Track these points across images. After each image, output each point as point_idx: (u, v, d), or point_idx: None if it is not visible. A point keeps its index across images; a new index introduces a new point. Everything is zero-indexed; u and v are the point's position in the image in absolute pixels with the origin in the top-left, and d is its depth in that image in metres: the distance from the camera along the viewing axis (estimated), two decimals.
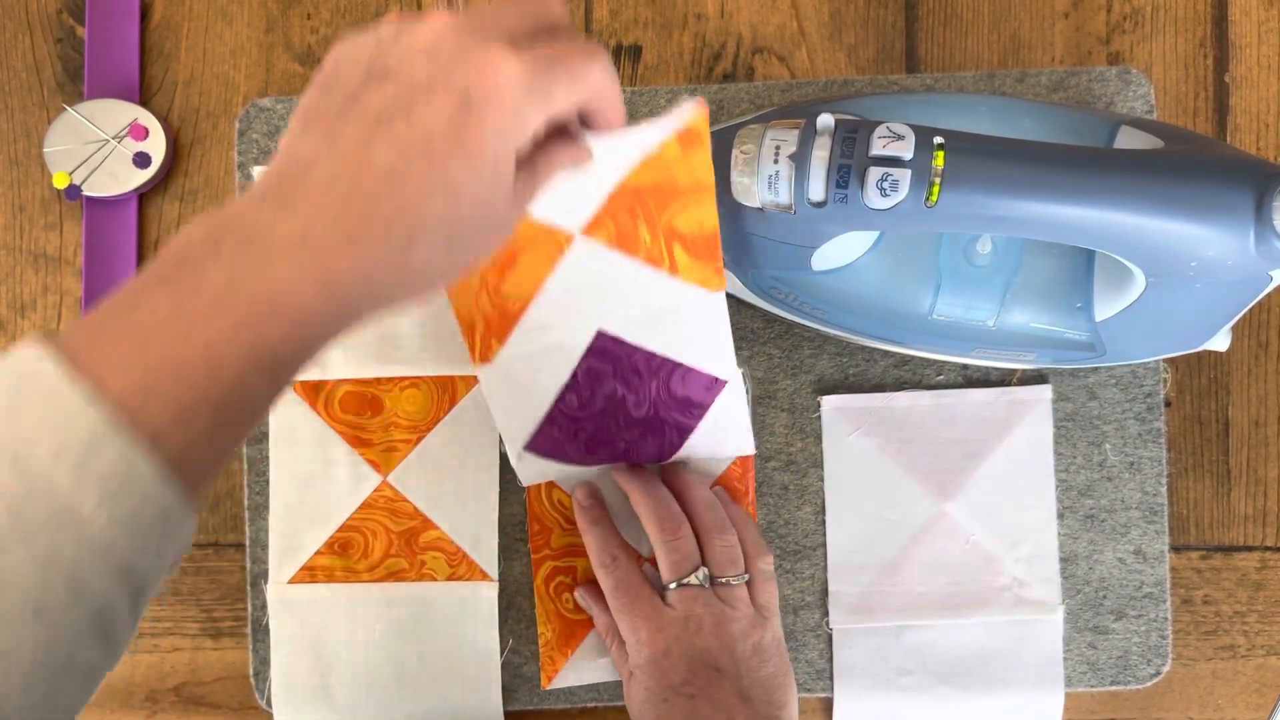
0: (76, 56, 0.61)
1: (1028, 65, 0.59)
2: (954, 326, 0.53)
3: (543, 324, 0.52)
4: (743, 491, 0.57)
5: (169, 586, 0.59)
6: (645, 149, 0.46)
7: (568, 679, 0.57)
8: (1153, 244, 0.44)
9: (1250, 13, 0.59)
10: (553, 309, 0.52)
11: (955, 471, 0.58)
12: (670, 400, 0.54)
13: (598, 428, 0.54)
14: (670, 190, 0.48)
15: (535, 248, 0.51)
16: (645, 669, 0.51)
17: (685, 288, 0.51)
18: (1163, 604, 0.58)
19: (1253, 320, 0.59)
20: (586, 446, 0.55)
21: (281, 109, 0.59)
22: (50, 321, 0.60)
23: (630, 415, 0.54)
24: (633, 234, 0.50)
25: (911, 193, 0.44)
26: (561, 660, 0.57)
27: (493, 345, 0.53)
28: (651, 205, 0.49)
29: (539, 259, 0.51)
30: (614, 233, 0.50)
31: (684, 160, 0.47)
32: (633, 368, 0.53)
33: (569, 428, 0.54)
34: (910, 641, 0.57)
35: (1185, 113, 0.59)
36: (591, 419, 0.54)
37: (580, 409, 0.54)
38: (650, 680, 0.50)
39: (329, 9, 0.60)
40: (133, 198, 0.59)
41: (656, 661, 0.50)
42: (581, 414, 0.54)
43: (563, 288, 0.51)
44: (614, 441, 0.55)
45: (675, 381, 0.54)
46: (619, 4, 0.60)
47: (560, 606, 0.57)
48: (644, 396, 0.53)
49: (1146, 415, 0.58)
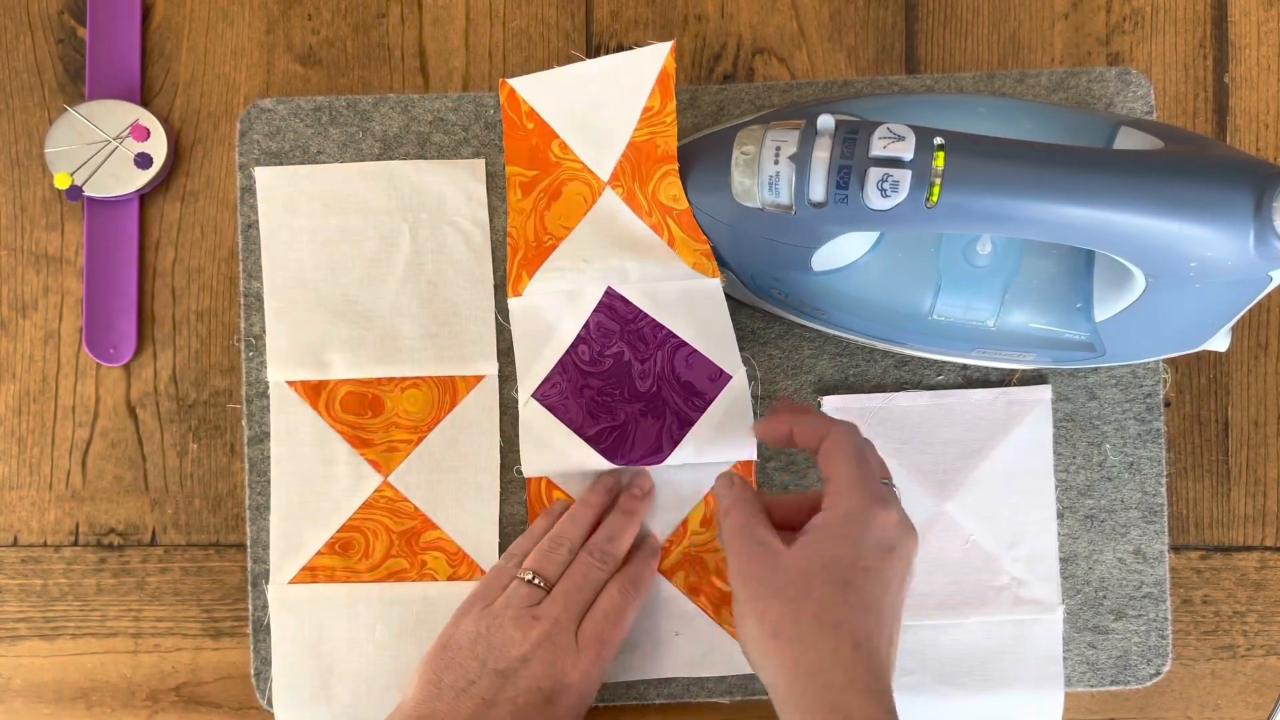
0: (78, 57, 0.61)
1: (1027, 66, 0.59)
2: (954, 327, 0.53)
3: (562, 268, 0.56)
4: None
5: (170, 587, 0.59)
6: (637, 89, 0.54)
7: None
8: (1152, 244, 0.45)
9: (1250, 13, 0.59)
10: (574, 254, 0.56)
11: (955, 471, 0.58)
12: (674, 381, 0.55)
13: (603, 389, 0.56)
14: (653, 154, 0.54)
15: (576, 186, 0.57)
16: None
17: (682, 266, 0.55)
18: (1162, 604, 0.58)
19: (1252, 320, 0.59)
20: (589, 409, 0.56)
21: (283, 109, 0.59)
22: (51, 322, 0.60)
23: (635, 387, 0.56)
24: (636, 196, 0.55)
25: (911, 193, 0.44)
26: None
27: (523, 277, 0.57)
28: (644, 168, 0.54)
29: (576, 200, 0.57)
30: (627, 189, 0.55)
31: (660, 118, 0.54)
32: (638, 333, 0.56)
33: (577, 380, 0.56)
34: (910, 641, 0.57)
35: (1185, 113, 0.59)
36: (599, 376, 0.56)
37: (590, 364, 0.56)
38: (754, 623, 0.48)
39: (329, 9, 0.61)
40: (134, 198, 0.60)
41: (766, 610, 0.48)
42: (591, 369, 0.56)
43: (587, 234, 0.56)
44: (615, 410, 0.56)
45: (680, 361, 0.55)
46: (619, 4, 0.60)
47: None
48: (649, 369, 0.55)
49: (1146, 415, 0.58)
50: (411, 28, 0.60)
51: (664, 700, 0.58)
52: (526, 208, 0.58)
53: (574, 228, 0.57)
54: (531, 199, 0.58)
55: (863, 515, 0.45)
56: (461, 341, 0.58)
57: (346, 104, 0.59)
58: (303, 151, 0.59)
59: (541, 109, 0.57)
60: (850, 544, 0.44)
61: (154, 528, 0.60)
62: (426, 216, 0.59)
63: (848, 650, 0.42)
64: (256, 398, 0.59)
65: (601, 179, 0.56)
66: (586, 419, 0.56)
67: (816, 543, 0.45)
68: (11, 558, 0.60)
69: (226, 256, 0.60)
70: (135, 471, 0.60)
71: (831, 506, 0.46)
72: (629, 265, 0.56)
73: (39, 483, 0.60)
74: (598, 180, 0.56)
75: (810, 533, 0.45)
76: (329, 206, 0.59)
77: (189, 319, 0.60)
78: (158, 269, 0.60)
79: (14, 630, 0.60)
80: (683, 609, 0.57)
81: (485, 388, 0.58)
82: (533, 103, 0.58)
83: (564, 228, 0.57)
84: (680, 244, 0.55)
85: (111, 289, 0.59)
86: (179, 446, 0.60)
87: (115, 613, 0.60)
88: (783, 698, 0.44)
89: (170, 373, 0.60)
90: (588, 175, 0.57)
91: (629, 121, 0.55)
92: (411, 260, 0.59)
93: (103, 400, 0.60)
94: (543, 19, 0.60)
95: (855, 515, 0.45)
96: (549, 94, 0.57)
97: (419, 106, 0.59)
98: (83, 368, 0.60)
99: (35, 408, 0.60)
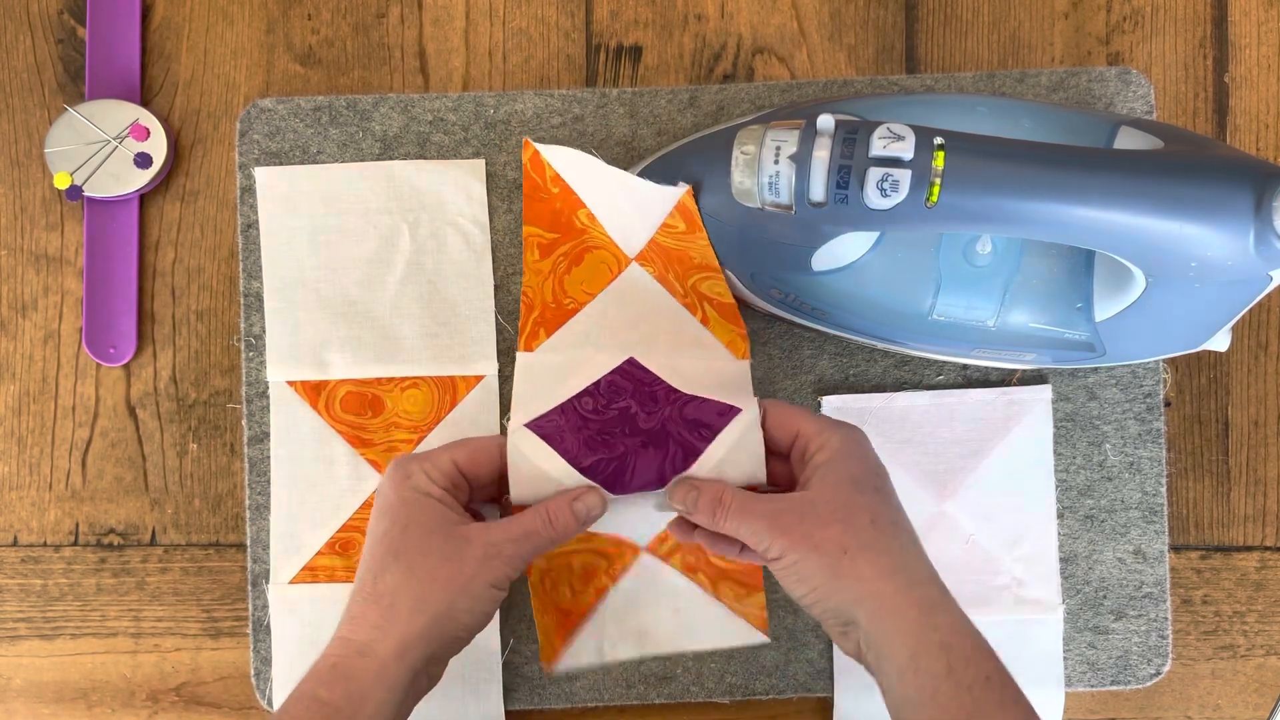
0: (78, 57, 0.61)
1: (1027, 66, 0.59)
2: (954, 327, 0.53)
3: (585, 334, 0.56)
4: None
5: (170, 587, 0.59)
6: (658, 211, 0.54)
7: (568, 662, 0.57)
8: (1152, 244, 0.45)
9: (1250, 13, 0.59)
10: (597, 322, 0.56)
11: (955, 471, 0.58)
12: (680, 421, 0.52)
13: (602, 430, 0.54)
14: (688, 261, 0.54)
15: (600, 255, 0.56)
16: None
17: (714, 343, 0.56)
18: (1162, 604, 0.58)
19: (1252, 320, 0.59)
20: (586, 443, 0.53)
21: (282, 109, 0.59)
22: (51, 322, 0.60)
23: (637, 426, 0.53)
24: (670, 280, 0.56)
25: (911, 193, 0.44)
26: (561, 646, 0.57)
27: (540, 335, 0.57)
28: (678, 266, 0.55)
29: (600, 269, 0.56)
30: (658, 271, 0.55)
31: (690, 238, 0.53)
32: (651, 395, 0.54)
33: (576, 421, 0.54)
34: None
35: (1185, 113, 0.59)
36: (600, 424, 0.54)
37: (593, 412, 0.54)
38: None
39: (329, 9, 0.61)
40: (134, 198, 0.60)
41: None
42: (592, 416, 0.54)
43: (612, 303, 0.56)
44: (614, 445, 0.52)
45: (689, 407, 0.53)
46: (619, 5, 0.60)
47: (556, 599, 0.57)
48: (655, 417, 0.53)
49: (1146, 415, 0.58)
50: (411, 28, 0.60)
51: (664, 700, 0.58)
52: (545, 269, 0.57)
53: (597, 294, 0.56)
54: (551, 261, 0.57)
55: (853, 437, 0.49)
56: (461, 341, 0.58)
57: (346, 104, 0.59)
58: (303, 151, 0.59)
59: (567, 176, 0.56)
60: (861, 461, 0.48)
61: (154, 528, 0.60)
62: (426, 216, 0.59)
63: (911, 544, 0.47)
64: (256, 398, 0.59)
65: (628, 255, 0.56)
66: (583, 450, 0.51)
67: (833, 471, 0.47)
68: (11, 558, 0.60)
69: (226, 256, 0.60)
70: (135, 471, 0.60)
71: (823, 445, 0.48)
72: (659, 336, 0.55)
73: (39, 483, 0.60)
74: (624, 255, 0.56)
75: (821, 468, 0.48)
76: (329, 206, 0.59)
77: (189, 319, 0.60)
78: (158, 269, 0.60)
79: (14, 630, 0.60)
80: (679, 586, 0.57)
81: (485, 388, 0.58)
82: (558, 169, 0.56)
83: (586, 293, 0.57)
84: (715, 324, 0.55)
85: (111, 289, 0.59)
86: (179, 446, 0.60)
87: (115, 613, 0.60)
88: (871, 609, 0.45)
89: (170, 373, 0.60)
90: (614, 249, 0.56)
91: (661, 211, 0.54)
92: (411, 260, 0.59)
93: (103, 400, 0.60)
94: (543, 19, 0.60)
95: (849, 440, 0.49)
96: (576, 165, 0.56)
97: (419, 106, 0.59)
98: (83, 368, 0.60)
99: (35, 408, 0.60)
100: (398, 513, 0.48)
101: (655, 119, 0.59)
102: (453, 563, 0.47)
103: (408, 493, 0.49)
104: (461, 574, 0.47)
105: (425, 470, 0.49)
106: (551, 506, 0.49)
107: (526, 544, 0.48)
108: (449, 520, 0.48)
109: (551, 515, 0.49)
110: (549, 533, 0.49)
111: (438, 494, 0.49)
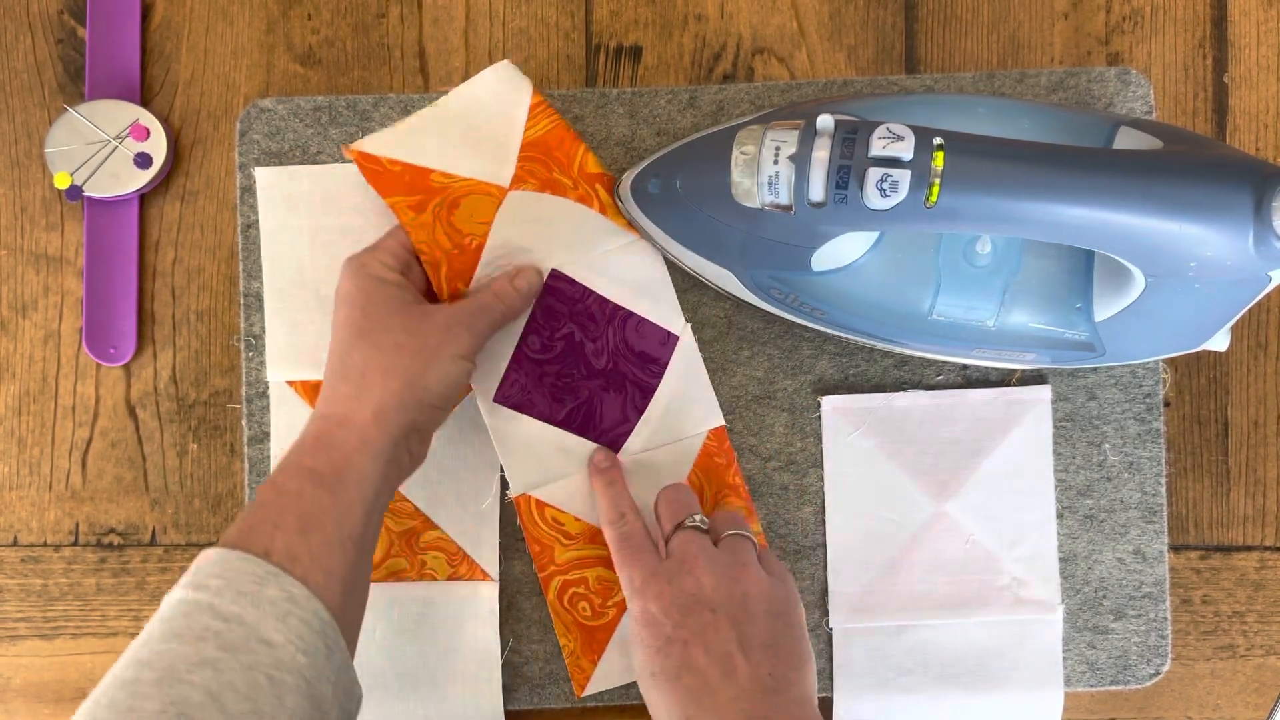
0: (77, 57, 0.61)
1: (1027, 66, 0.59)
2: (954, 327, 0.53)
3: (499, 267, 0.56)
4: (724, 464, 0.57)
5: (169, 586, 0.59)
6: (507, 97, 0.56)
7: (599, 684, 0.57)
8: (1152, 244, 0.45)
9: (1250, 13, 0.59)
10: (507, 250, 0.56)
11: (955, 471, 0.58)
12: (628, 352, 0.57)
13: (561, 373, 0.57)
14: (564, 138, 0.56)
15: (474, 197, 0.56)
16: (640, 620, 0.49)
17: (618, 229, 0.57)
18: (1162, 604, 0.58)
19: (1252, 320, 0.59)
20: (553, 394, 0.57)
21: (282, 109, 0.59)
22: (51, 321, 0.60)
23: (591, 365, 0.57)
24: (554, 181, 0.56)
25: (911, 193, 0.44)
26: (590, 668, 0.57)
27: (459, 287, 0.56)
28: (557, 153, 0.56)
29: (483, 202, 0.56)
30: (538, 183, 0.56)
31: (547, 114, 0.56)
32: (586, 312, 0.56)
33: (534, 372, 0.56)
34: (910, 641, 0.57)
35: (1184, 113, 0.59)
36: (554, 362, 0.57)
37: (542, 350, 0.56)
38: (645, 632, 0.49)
39: (329, 9, 0.61)
40: (134, 198, 0.60)
41: (647, 610, 0.49)
42: (544, 356, 0.56)
43: (509, 227, 0.56)
44: (578, 390, 0.57)
45: (630, 331, 0.57)
46: (619, 5, 0.60)
47: (577, 616, 0.57)
48: (602, 346, 0.56)
49: (1146, 415, 0.58)
50: (411, 28, 0.60)
51: None
52: (428, 220, 0.55)
53: (492, 222, 0.56)
54: (429, 213, 0.55)
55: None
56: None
57: (346, 104, 0.59)
58: (303, 151, 0.59)
59: (401, 155, 0.55)
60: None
61: (154, 527, 0.60)
62: None
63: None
64: (256, 398, 0.59)
65: (503, 186, 0.56)
66: (553, 405, 0.57)
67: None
68: (11, 558, 0.60)
69: (226, 256, 0.60)
70: (135, 471, 0.60)
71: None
72: (570, 239, 0.56)
73: (39, 483, 0.60)
74: (498, 188, 0.56)
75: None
76: (329, 206, 0.59)
77: (189, 319, 0.60)
78: (158, 269, 0.60)
79: (14, 630, 0.60)
80: None
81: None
82: (391, 155, 0.55)
83: (481, 223, 0.56)
84: (611, 210, 0.56)
85: (111, 289, 0.59)
86: (179, 446, 0.60)
87: (115, 612, 0.60)
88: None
89: (170, 373, 0.60)
90: (485, 187, 0.56)
91: (516, 127, 0.56)
92: None
93: (103, 400, 0.60)
94: (543, 19, 0.60)
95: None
96: (407, 140, 0.56)
97: (419, 106, 0.59)
98: (83, 368, 0.60)
99: (35, 408, 0.60)
100: (356, 298, 0.51)
101: (655, 119, 0.59)
102: (416, 336, 0.49)
103: (364, 280, 0.51)
104: (427, 345, 0.49)
105: (378, 259, 0.52)
106: (496, 286, 0.54)
107: (483, 317, 0.52)
108: (406, 300, 0.51)
109: (497, 292, 0.53)
110: (500, 305, 0.53)
111: (394, 279, 0.52)
